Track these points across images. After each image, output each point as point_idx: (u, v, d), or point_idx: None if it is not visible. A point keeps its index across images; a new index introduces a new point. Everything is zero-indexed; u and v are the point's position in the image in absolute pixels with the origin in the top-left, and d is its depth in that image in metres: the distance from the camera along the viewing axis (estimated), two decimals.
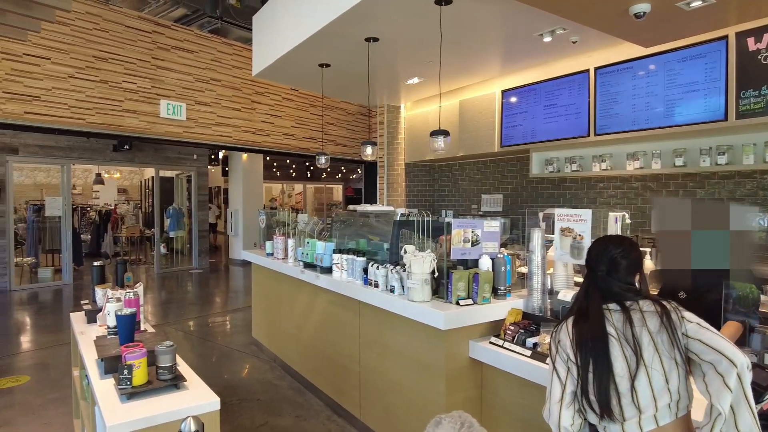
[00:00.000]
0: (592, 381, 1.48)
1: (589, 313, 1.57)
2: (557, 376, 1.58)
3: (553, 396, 1.57)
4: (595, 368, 1.48)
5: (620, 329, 1.50)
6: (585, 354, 1.51)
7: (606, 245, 1.68)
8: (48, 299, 8.04)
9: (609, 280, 1.60)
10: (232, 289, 9.39)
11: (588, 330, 1.53)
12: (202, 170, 11.24)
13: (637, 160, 4.76)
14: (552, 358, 1.63)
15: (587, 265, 1.70)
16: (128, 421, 1.73)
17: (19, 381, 4.49)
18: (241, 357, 5.27)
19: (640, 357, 1.44)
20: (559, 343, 1.61)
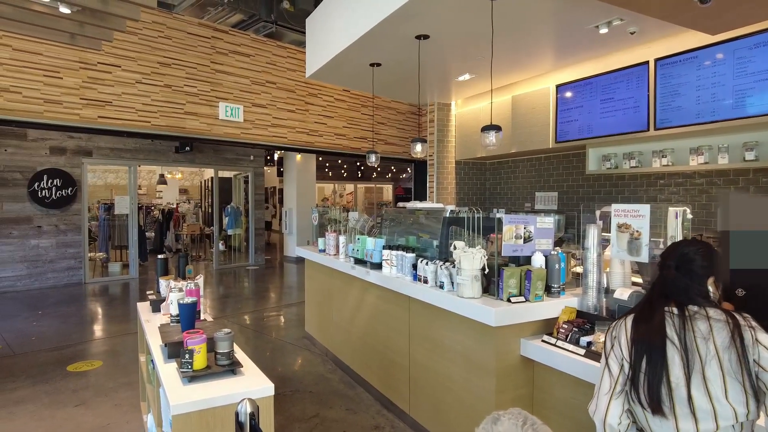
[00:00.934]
0: (643, 382, 1.43)
1: (650, 314, 1.51)
2: (609, 371, 1.55)
3: (601, 389, 1.53)
4: (650, 370, 1.43)
5: (681, 336, 1.43)
6: (640, 354, 1.46)
7: (679, 243, 1.65)
8: (117, 291, 8.60)
9: (678, 278, 1.53)
10: (286, 285, 9.66)
11: (647, 331, 1.48)
12: (258, 171, 11.64)
13: (701, 155, 4.50)
14: (606, 353, 1.59)
15: (658, 264, 1.64)
16: (189, 402, 1.84)
17: (93, 365, 4.84)
18: (294, 350, 5.42)
19: (702, 370, 1.38)
20: (616, 339, 1.57)
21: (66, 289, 8.60)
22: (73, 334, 5.92)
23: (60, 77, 6.56)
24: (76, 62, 6.62)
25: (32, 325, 6.26)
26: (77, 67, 6.63)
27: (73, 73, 6.61)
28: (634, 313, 1.58)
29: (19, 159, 8.21)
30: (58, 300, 7.81)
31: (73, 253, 8.98)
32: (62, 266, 8.88)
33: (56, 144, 8.58)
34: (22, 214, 8.31)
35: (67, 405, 3.94)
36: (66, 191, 8.76)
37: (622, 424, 1.47)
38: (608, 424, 1.47)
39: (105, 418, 3.71)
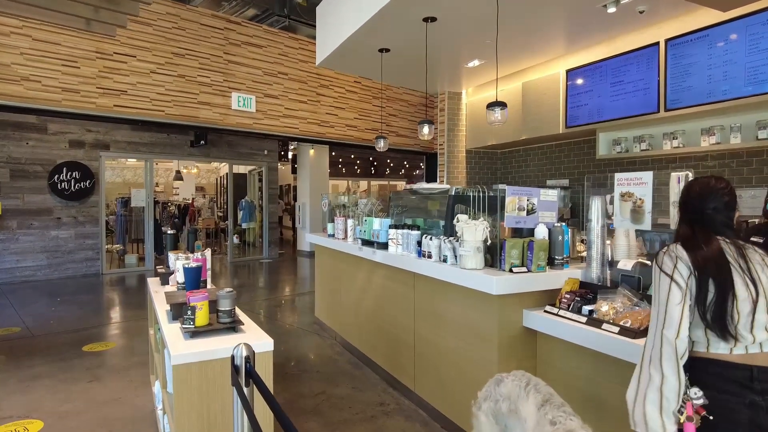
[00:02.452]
0: (711, 301, 1.46)
1: (706, 242, 1.53)
2: (677, 284, 1.49)
3: (671, 300, 1.47)
4: (719, 293, 1.45)
5: (741, 262, 1.49)
6: (706, 278, 1.47)
7: (708, 183, 1.66)
8: (133, 282, 8.77)
9: (717, 217, 1.59)
10: (298, 276, 9.75)
11: (708, 256, 1.50)
12: (272, 165, 11.74)
13: (713, 135, 4.42)
14: (669, 271, 1.52)
15: (686, 204, 1.68)
16: (189, 353, 1.89)
17: (107, 346, 4.96)
18: (303, 335, 5.47)
19: (765, 294, 1.45)
20: (678, 259, 1.53)
21: (84, 279, 8.79)
22: (89, 319, 6.06)
23: (78, 67, 6.72)
24: (93, 52, 6.77)
25: (51, 311, 6.42)
26: (94, 57, 6.79)
27: (90, 63, 6.77)
28: (678, 242, 1.59)
29: (40, 152, 8.42)
30: (76, 289, 7.99)
31: (91, 245, 9.17)
32: (80, 257, 9.07)
33: (75, 137, 8.77)
34: (42, 206, 8.52)
35: (81, 380, 4.04)
36: (84, 183, 8.96)
37: (687, 339, 1.47)
38: (681, 337, 1.45)
39: (117, 393, 3.80)
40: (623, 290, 2.51)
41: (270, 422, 2.01)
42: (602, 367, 2.40)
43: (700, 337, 1.50)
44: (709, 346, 1.49)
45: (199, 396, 1.89)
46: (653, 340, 1.49)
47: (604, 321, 2.37)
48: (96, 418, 3.35)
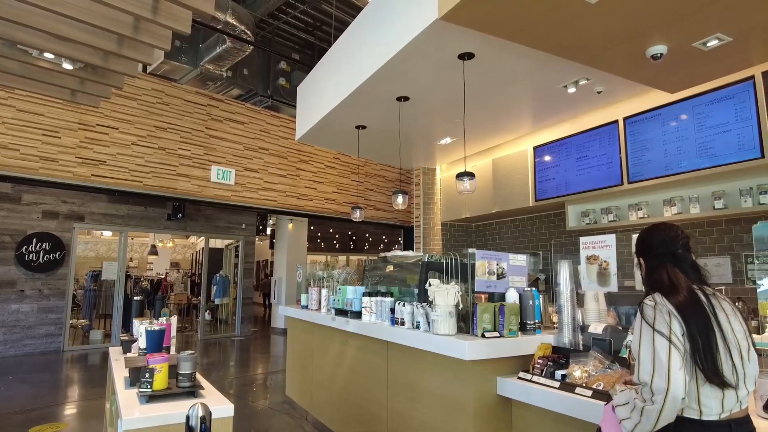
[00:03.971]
0: (705, 358, 1.42)
1: (687, 295, 1.51)
2: (675, 347, 1.42)
3: (673, 364, 1.39)
4: (707, 348, 1.42)
5: (716, 314, 1.49)
6: (694, 333, 1.44)
7: (668, 226, 1.70)
8: (96, 360, 8.30)
9: (687, 258, 1.62)
10: (271, 354, 9.39)
11: (694, 311, 1.47)
12: (249, 239, 11.69)
13: (674, 205, 4.63)
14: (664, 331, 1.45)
15: (652, 247, 1.68)
16: (143, 417, 1.78)
17: (58, 428, 4.59)
18: (273, 414, 5.19)
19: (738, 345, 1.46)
20: (672, 315, 1.47)
21: (42, 357, 8.29)
22: (41, 399, 5.65)
23: (59, 137, 6.82)
24: (76, 123, 6.91)
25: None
26: (76, 127, 6.91)
27: (72, 134, 6.88)
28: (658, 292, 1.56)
29: (10, 222, 8.26)
30: (31, 367, 7.51)
31: (54, 319, 8.76)
32: (41, 332, 8.63)
33: (49, 208, 8.67)
34: (5, 278, 8.21)
35: None
36: (54, 255, 8.73)
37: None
38: (679, 396, 1.38)
39: None
40: (595, 353, 2.50)
41: None
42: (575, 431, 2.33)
43: (691, 399, 1.45)
44: (701, 409, 1.44)
45: None
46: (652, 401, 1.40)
47: (577, 385, 2.33)
48: None
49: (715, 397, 1.42)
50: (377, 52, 4.30)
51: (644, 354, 1.44)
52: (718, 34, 3.32)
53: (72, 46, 3.72)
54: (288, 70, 10.48)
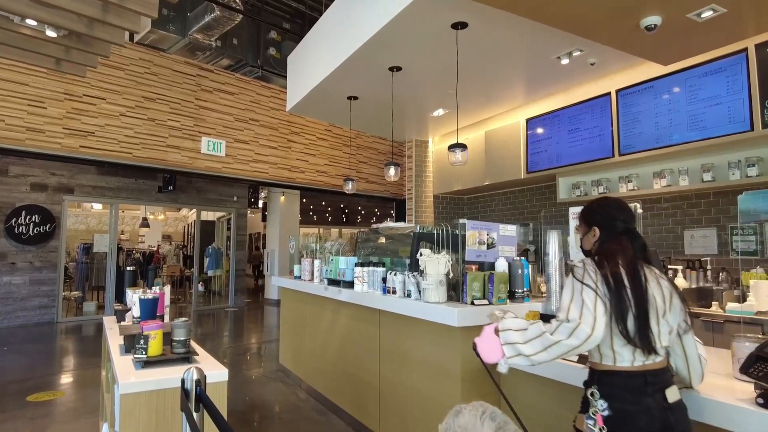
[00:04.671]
0: (627, 320, 1.54)
1: (624, 256, 1.62)
2: (599, 297, 1.55)
3: (598, 310, 1.52)
4: (639, 312, 1.55)
5: (651, 277, 1.62)
6: (625, 290, 1.56)
7: (618, 199, 1.81)
8: (90, 331, 8.35)
9: (641, 238, 1.72)
10: (265, 324, 9.50)
11: (628, 270, 1.59)
12: (241, 212, 11.67)
13: (664, 178, 4.68)
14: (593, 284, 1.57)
15: (603, 216, 1.77)
16: (139, 382, 1.82)
17: (55, 395, 4.66)
18: (267, 382, 5.28)
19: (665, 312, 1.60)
20: (601, 276, 1.59)
21: (36, 328, 8.33)
22: (37, 368, 5.71)
23: (44, 107, 6.69)
24: (62, 93, 6.77)
25: None
26: (62, 98, 6.78)
27: (58, 104, 6.75)
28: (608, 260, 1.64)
29: None
30: (25, 338, 7.55)
31: (47, 291, 8.78)
32: (34, 304, 8.65)
33: (38, 180, 8.58)
34: None
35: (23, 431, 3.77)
36: (44, 227, 8.68)
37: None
38: (598, 340, 1.51)
39: None
40: None
41: None
42: (563, 396, 2.40)
43: (607, 350, 1.59)
44: (615, 360, 1.58)
45: (147, 428, 1.80)
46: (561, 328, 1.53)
47: None
48: None
49: (628, 349, 1.56)
50: (369, 21, 4.23)
51: (571, 303, 1.56)
52: (712, 5, 3.30)
53: (55, 12, 3.62)
54: (278, 39, 10.27)
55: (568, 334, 1.50)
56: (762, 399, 1.54)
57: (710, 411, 1.67)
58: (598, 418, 1.56)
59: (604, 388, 1.59)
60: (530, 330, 1.60)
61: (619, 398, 1.56)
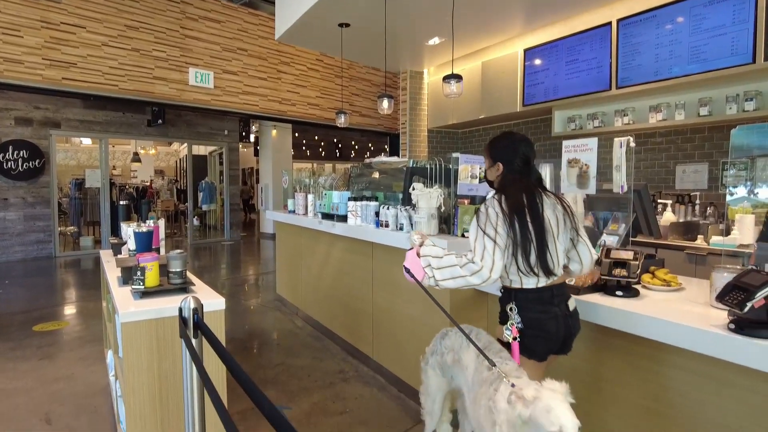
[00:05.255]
0: (530, 251, 1.77)
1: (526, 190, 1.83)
2: (497, 245, 1.76)
3: (497, 250, 1.75)
4: (538, 242, 1.78)
5: (549, 205, 1.86)
6: (524, 222, 1.77)
7: (528, 141, 1.98)
8: (89, 265, 8.49)
9: (528, 168, 1.92)
10: (261, 257, 9.68)
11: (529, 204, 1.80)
12: (233, 146, 11.52)
13: (660, 112, 4.62)
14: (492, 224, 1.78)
15: (506, 150, 1.94)
16: (139, 311, 1.88)
17: (60, 325, 4.81)
18: (265, 311, 5.46)
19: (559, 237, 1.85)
20: (503, 213, 1.79)
21: (35, 262, 8.46)
22: (40, 300, 5.85)
23: (20, 36, 6.38)
24: (38, 21, 6.43)
25: None
26: (38, 26, 6.45)
27: (35, 32, 6.44)
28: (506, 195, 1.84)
29: None
30: (26, 272, 7.68)
31: (42, 227, 8.82)
32: (31, 239, 8.72)
33: (22, 114, 8.35)
34: None
35: (31, 359, 3.93)
36: (33, 163, 8.57)
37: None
38: (494, 280, 1.77)
39: (69, 370, 3.71)
40: None
41: (222, 376, 2.02)
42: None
43: (513, 277, 1.85)
44: (522, 283, 1.85)
45: (149, 354, 1.89)
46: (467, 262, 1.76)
47: None
48: (46, 394, 3.27)
49: (532, 276, 1.82)
50: None
51: (476, 245, 1.78)
52: None
53: None
54: None
55: (471, 273, 1.75)
56: (734, 325, 1.63)
57: (686, 336, 1.76)
58: (513, 329, 1.85)
59: (520, 303, 1.86)
60: (444, 259, 1.82)
61: (532, 310, 1.84)
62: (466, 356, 1.82)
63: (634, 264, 2.14)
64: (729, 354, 1.62)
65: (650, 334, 1.89)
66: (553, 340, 1.87)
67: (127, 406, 1.86)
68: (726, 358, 1.63)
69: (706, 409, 1.81)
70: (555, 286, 1.87)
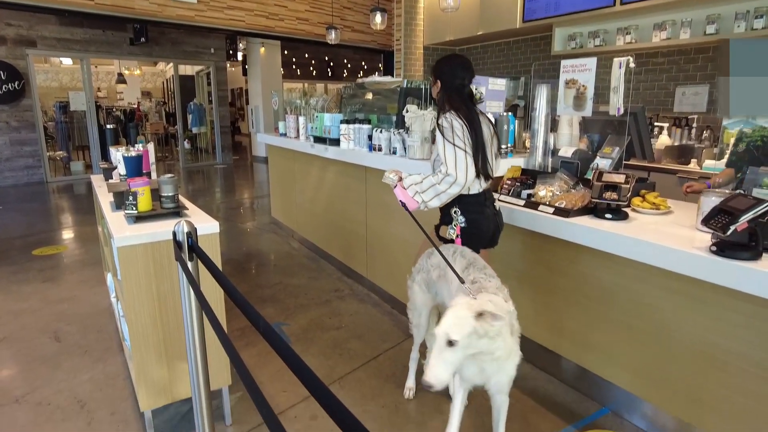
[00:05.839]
0: (480, 155, 2.10)
1: (472, 113, 2.13)
2: (467, 154, 2.05)
3: (469, 158, 2.05)
4: (482, 146, 2.12)
5: (484, 121, 2.19)
6: (477, 139, 2.09)
7: (464, 57, 2.26)
8: (81, 190, 8.46)
9: (463, 88, 2.21)
10: (254, 180, 9.66)
11: (474, 119, 2.11)
12: (220, 65, 11.07)
13: (664, 30, 4.42)
14: (459, 136, 2.05)
15: (450, 74, 2.20)
16: (134, 235, 1.90)
17: (58, 249, 4.89)
18: (261, 234, 5.54)
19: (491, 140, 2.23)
20: (462, 126, 2.06)
21: (27, 188, 8.41)
22: (37, 225, 5.89)
23: None
24: None
25: None
26: None
27: None
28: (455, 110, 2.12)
29: None
30: (18, 197, 7.66)
31: (30, 152, 8.67)
32: (20, 165, 8.61)
33: None
34: None
35: (34, 281, 4.02)
36: (13, 85, 8.25)
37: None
38: (469, 184, 2.08)
39: (71, 291, 3.82)
40: (561, 175, 2.63)
41: (220, 297, 2.09)
42: (536, 245, 2.58)
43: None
44: (470, 190, 2.17)
45: (147, 277, 1.93)
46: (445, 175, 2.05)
47: (541, 203, 2.50)
48: (52, 314, 3.39)
49: (477, 180, 2.15)
50: None
51: (447, 157, 2.04)
52: None
53: None
54: None
55: (449, 185, 2.04)
56: (716, 247, 1.67)
57: (669, 258, 1.81)
58: (457, 228, 2.19)
59: (463, 206, 2.19)
60: (424, 183, 2.09)
61: (472, 211, 2.19)
62: (450, 272, 1.89)
63: (625, 188, 2.15)
64: (709, 275, 1.68)
65: (634, 255, 1.95)
66: (485, 236, 2.25)
67: (130, 326, 1.94)
68: (706, 279, 1.69)
69: (683, 326, 1.91)
70: (487, 190, 2.24)
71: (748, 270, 1.57)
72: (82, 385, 2.50)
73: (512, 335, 1.66)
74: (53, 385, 2.51)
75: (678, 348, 1.93)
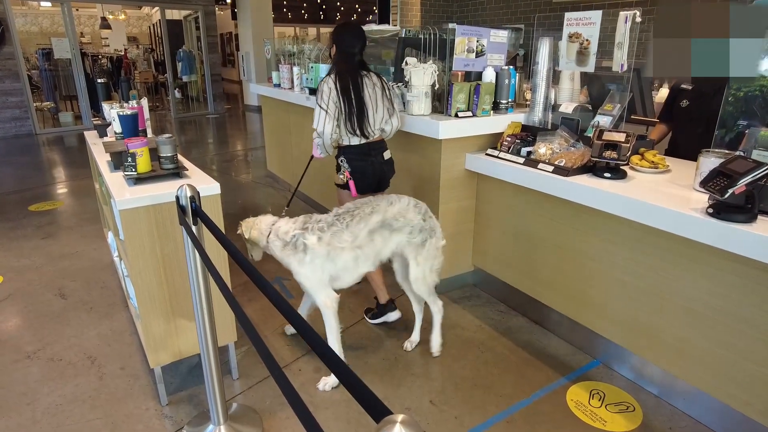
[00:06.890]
0: (355, 116, 2.42)
1: (351, 74, 2.42)
2: (329, 115, 2.40)
3: (329, 119, 2.41)
4: (357, 111, 2.42)
5: (368, 87, 2.47)
6: (350, 101, 2.40)
7: (358, 26, 2.56)
8: (72, 142, 8.31)
9: (354, 54, 2.47)
10: (248, 131, 9.52)
11: (352, 86, 2.40)
12: (208, 9, 10.63)
13: None
14: (324, 99, 2.40)
15: (343, 41, 2.46)
16: (135, 198, 1.89)
17: (55, 205, 4.87)
18: (257, 187, 5.53)
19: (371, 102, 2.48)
20: (331, 90, 2.38)
21: (16, 140, 8.26)
22: (30, 179, 5.84)
23: None
24: None
25: None
26: None
27: None
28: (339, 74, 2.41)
29: None
30: (9, 150, 7.54)
31: (16, 102, 8.45)
32: (6, 116, 8.41)
33: None
34: None
35: (34, 238, 4.04)
36: None
37: (334, 135, 2.46)
38: (328, 139, 2.45)
39: (72, 247, 3.85)
40: (561, 132, 2.61)
41: (224, 260, 2.12)
42: (535, 202, 2.60)
43: (344, 136, 2.50)
44: (350, 141, 2.51)
45: (150, 239, 1.95)
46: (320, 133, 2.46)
47: (541, 161, 2.50)
48: (56, 270, 3.43)
49: (356, 136, 2.48)
50: None
51: (315, 117, 2.44)
52: None
53: None
54: None
55: (318, 137, 2.46)
56: (712, 209, 1.70)
57: (665, 219, 1.84)
58: (346, 174, 2.54)
59: (347, 155, 2.54)
60: (316, 140, 2.49)
61: (355, 160, 2.54)
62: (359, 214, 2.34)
63: (625, 147, 2.15)
64: (705, 237, 1.71)
65: (631, 215, 1.98)
66: (370, 181, 2.59)
67: (136, 287, 1.97)
68: (701, 240, 1.73)
69: (675, 284, 1.97)
70: (372, 143, 2.55)
71: (743, 233, 1.60)
72: (91, 341, 2.58)
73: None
74: (63, 341, 2.58)
75: (669, 305, 1.99)
